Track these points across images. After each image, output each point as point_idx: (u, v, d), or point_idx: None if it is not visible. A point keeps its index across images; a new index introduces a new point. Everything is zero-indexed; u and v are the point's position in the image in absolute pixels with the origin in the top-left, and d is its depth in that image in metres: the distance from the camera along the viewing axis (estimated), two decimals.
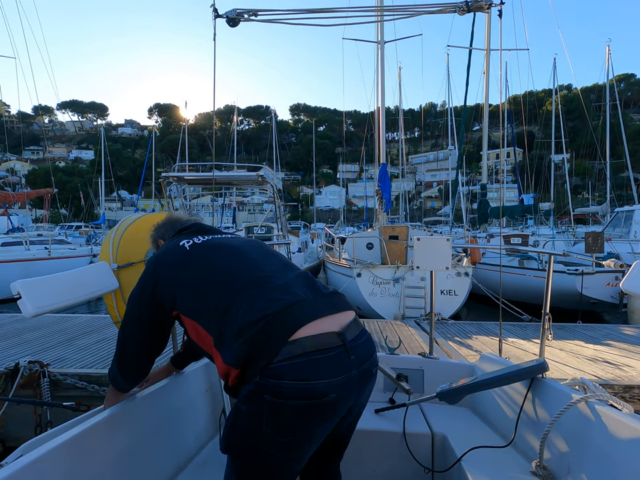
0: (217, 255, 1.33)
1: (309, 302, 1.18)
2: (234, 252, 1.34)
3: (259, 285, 1.21)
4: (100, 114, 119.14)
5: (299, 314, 1.14)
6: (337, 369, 1.09)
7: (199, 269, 1.29)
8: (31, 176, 58.88)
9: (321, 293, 1.25)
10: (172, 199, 8.34)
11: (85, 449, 1.26)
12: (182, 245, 1.38)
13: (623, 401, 1.38)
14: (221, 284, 1.23)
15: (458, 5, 2.78)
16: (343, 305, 1.25)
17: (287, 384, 1.05)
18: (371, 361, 1.21)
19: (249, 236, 10.37)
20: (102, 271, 1.97)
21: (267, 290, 1.19)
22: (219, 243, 1.40)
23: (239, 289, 1.21)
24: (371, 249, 10.16)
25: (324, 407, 1.08)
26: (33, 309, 1.59)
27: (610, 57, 22.76)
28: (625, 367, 3.86)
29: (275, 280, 1.23)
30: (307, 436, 1.12)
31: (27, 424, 3.18)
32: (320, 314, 1.16)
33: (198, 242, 1.39)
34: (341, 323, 1.17)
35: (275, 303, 1.15)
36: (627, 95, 72.22)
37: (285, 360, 1.07)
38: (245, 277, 1.24)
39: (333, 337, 1.12)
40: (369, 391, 1.28)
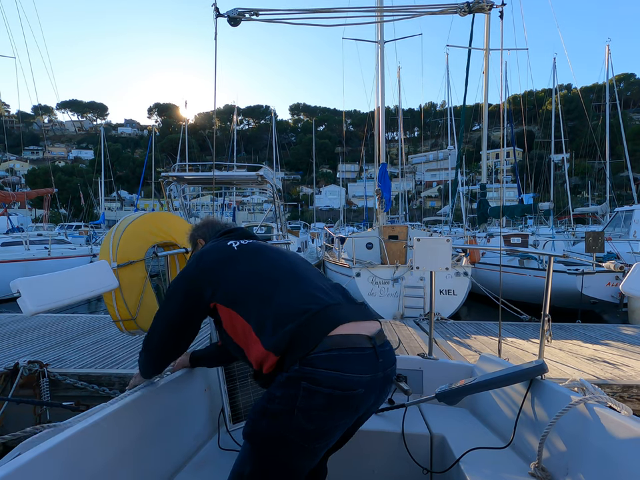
0: (262, 256, 1.45)
1: (344, 306, 1.30)
2: (278, 255, 1.46)
3: (301, 284, 1.33)
4: (100, 114, 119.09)
5: (337, 314, 1.25)
6: (366, 367, 1.19)
7: (245, 265, 1.40)
8: (30, 176, 58.81)
9: (353, 301, 1.37)
10: (172, 198, 8.33)
11: (83, 448, 1.26)
12: (229, 244, 1.50)
13: (621, 403, 1.38)
14: (265, 279, 1.35)
15: (459, 6, 2.78)
16: (371, 315, 1.36)
17: (322, 372, 1.14)
18: (392, 368, 1.31)
19: None
20: (102, 270, 1.97)
21: (309, 289, 1.31)
22: (263, 246, 1.52)
23: (282, 285, 1.32)
24: (370, 249, 10.16)
25: (352, 399, 1.16)
26: (33, 307, 1.58)
27: (610, 56, 22.77)
28: (623, 367, 3.87)
29: (314, 283, 1.35)
30: (331, 427, 1.18)
31: (27, 424, 3.17)
32: (354, 318, 1.27)
33: (244, 243, 1.52)
34: (370, 329, 1.28)
35: (317, 301, 1.27)
36: (627, 94, 72.25)
37: (322, 352, 1.17)
38: (288, 275, 1.36)
39: (365, 339, 1.23)
40: (386, 396, 1.35)
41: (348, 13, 3.30)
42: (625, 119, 29.18)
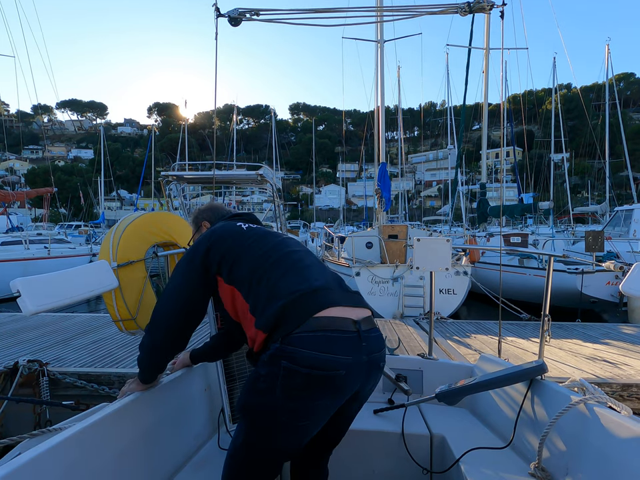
0: (266, 239, 1.48)
1: (335, 291, 1.33)
2: (282, 241, 1.49)
3: (298, 268, 1.36)
4: (99, 113, 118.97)
5: (326, 298, 1.28)
6: (348, 349, 1.20)
7: (251, 246, 1.43)
8: (30, 175, 58.76)
9: (345, 288, 1.40)
10: (171, 198, 8.33)
11: (83, 448, 1.26)
12: (239, 225, 1.54)
13: (621, 403, 1.38)
14: (267, 260, 1.38)
15: (460, 6, 2.77)
16: (362, 303, 1.38)
17: (302, 352, 1.16)
18: (380, 354, 1.32)
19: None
20: (102, 270, 1.97)
21: (304, 272, 1.35)
22: (269, 232, 1.55)
23: (280, 268, 1.35)
24: (370, 248, 10.16)
25: (331, 380, 1.18)
26: (33, 307, 1.58)
27: (609, 56, 22.76)
28: (623, 366, 3.87)
29: (311, 268, 1.38)
30: (313, 407, 1.20)
31: (26, 423, 3.18)
32: (342, 303, 1.29)
33: (253, 227, 1.56)
34: (358, 315, 1.29)
35: (309, 283, 1.30)
36: (627, 94, 72.23)
37: (304, 332, 1.18)
38: (288, 258, 1.39)
39: (350, 323, 1.24)
40: (374, 383, 1.38)
41: (348, 12, 3.30)
42: (625, 118, 29.18)
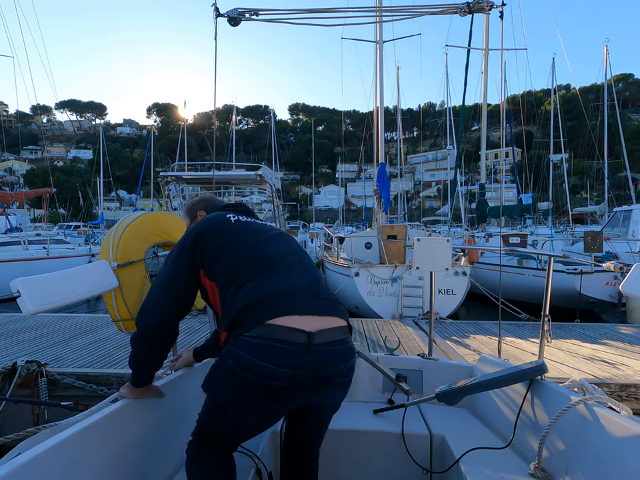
0: (251, 235, 1.46)
1: (300, 297, 1.28)
2: (267, 238, 1.46)
3: (273, 269, 1.34)
4: (98, 113, 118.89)
5: (285, 304, 1.25)
6: (287, 362, 1.19)
7: (235, 241, 1.42)
8: (29, 175, 58.66)
9: (319, 295, 1.33)
10: (170, 198, 8.32)
11: (82, 448, 1.26)
12: (228, 217, 1.52)
13: (621, 403, 1.38)
14: (246, 258, 1.37)
15: (459, 6, 2.77)
16: (334, 312, 1.31)
17: (244, 356, 1.20)
18: (334, 370, 1.25)
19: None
20: (102, 270, 1.97)
21: (276, 274, 1.33)
22: (259, 227, 1.53)
23: (257, 265, 1.34)
24: (369, 249, 10.16)
25: (269, 389, 1.20)
26: (33, 307, 1.58)
27: (608, 57, 22.81)
28: (621, 366, 3.88)
29: (288, 270, 1.36)
30: (251, 411, 1.26)
31: (25, 423, 3.17)
32: (304, 311, 1.25)
33: (242, 220, 1.53)
34: (318, 325, 1.24)
35: (275, 287, 1.28)
36: (626, 94, 72.41)
37: (252, 336, 1.21)
38: (266, 258, 1.37)
39: (300, 335, 1.20)
40: (334, 399, 1.35)
41: (347, 12, 3.30)
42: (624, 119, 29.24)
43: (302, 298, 1.29)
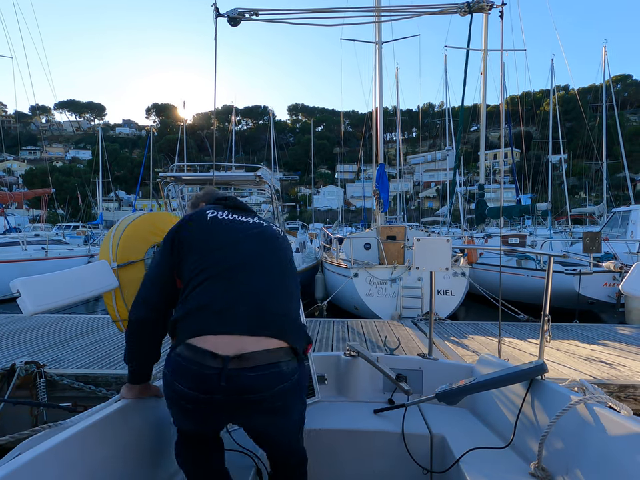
0: (225, 234, 1.41)
1: (231, 315, 1.23)
2: (243, 238, 1.41)
3: (224, 276, 1.30)
4: (97, 114, 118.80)
5: (210, 323, 1.22)
6: (196, 385, 1.19)
7: (204, 241, 1.39)
8: (28, 176, 58.57)
9: (264, 310, 1.26)
10: (169, 199, 8.32)
11: (82, 448, 1.26)
12: (206, 213, 1.49)
13: (621, 403, 1.38)
14: (206, 261, 1.34)
15: (459, 6, 2.78)
16: (272, 332, 1.24)
17: (164, 371, 1.26)
18: (256, 397, 1.19)
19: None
20: (102, 270, 1.97)
21: (223, 284, 1.28)
22: (237, 225, 1.46)
23: (212, 270, 1.31)
24: (368, 249, 10.15)
25: (183, 407, 1.24)
26: (33, 307, 1.58)
27: (606, 57, 22.86)
28: (620, 367, 3.88)
29: (242, 278, 1.31)
30: (179, 419, 1.31)
31: (23, 425, 3.16)
32: (228, 331, 1.21)
33: (220, 217, 1.48)
34: (242, 347, 1.19)
35: (211, 301, 1.25)
36: (624, 95, 72.61)
37: (176, 354, 1.23)
38: (224, 262, 1.33)
39: (214, 359, 1.17)
40: (266, 426, 1.31)
41: (347, 12, 3.30)
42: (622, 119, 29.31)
43: (233, 315, 1.23)
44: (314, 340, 4.87)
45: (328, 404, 2.11)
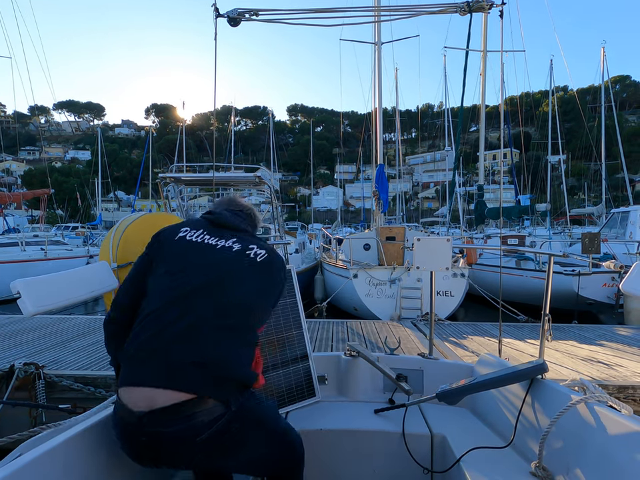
0: (176, 263, 1.35)
1: (147, 366, 1.19)
2: (183, 271, 1.33)
3: (154, 322, 1.24)
4: (96, 114, 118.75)
5: (130, 372, 1.21)
6: (123, 437, 1.20)
7: (163, 263, 1.37)
8: (27, 176, 58.49)
9: (173, 362, 1.18)
10: (169, 199, 8.31)
11: (83, 449, 1.27)
12: (179, 230, 1.44)
13: (621, 402, 1.38)
14: (155, 290, 1.31)
15: (459, 5, 2.78)
16: (179, 385, 1.16)
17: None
18: (177, 450, 1.17)
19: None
20: (102, 270, 1.97)
21: (157, 324, 1.24)
22: (203, 248, 1.38)
23: (156, 303, 1.28)
24: (367, 250, 10.15)
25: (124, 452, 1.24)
26: (33, 308, 1.58)
27: (605, 58, 22.92)
28: (619, 368, 3.88)
29: (164, 328, 1.22)
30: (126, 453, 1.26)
31: (22, 427, 3.14)
32: (143, 383, 1.17)
33: (188, 238, 1.41)
34: (152, 402, 1.14)
35: (141, 345, 1.22)
36: (623, 96, 72.80)
37: (114, 400, 1.25)
38: (167, 295, 1.28)
39: (131, 414, 1.16)
40: (201, 463, 1.26)
41: (346, 12, 3.30)
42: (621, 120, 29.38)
43: (150, 364, 1.18)
44: (314, 341, 4.86)
45: (328, 404, 2.11)
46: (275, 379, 2.01)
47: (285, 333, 2.09)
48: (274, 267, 1.44)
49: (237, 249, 1.40)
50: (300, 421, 1.91)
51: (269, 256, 1.43)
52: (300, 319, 2.15)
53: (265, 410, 1.34)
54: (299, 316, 2.15)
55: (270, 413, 1.37)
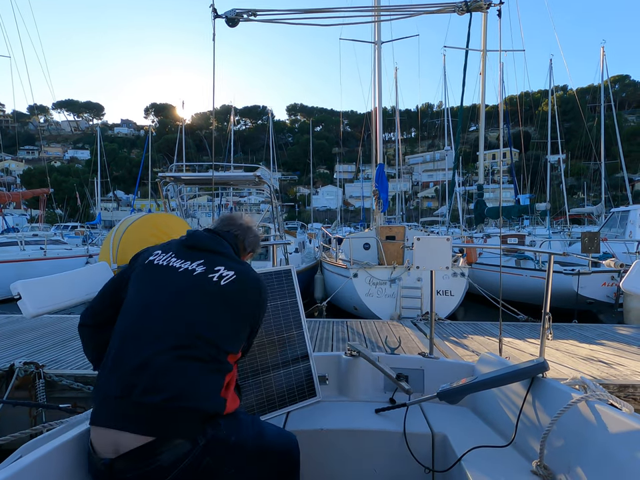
0: (139, 294, 1.33)
1: (108, 406, 1.17)
2: (144, 302, 1.30)
3: (114, 360, 1.22)
4: (96, 114, 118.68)
5: (98, 413, 1.19)
6: (94, 476, 1.18)
7: (133, 291, 1.35)
8: (26, 176, 58.43)
9: (129, 403, 1.14)
10: (168, 199, 8.31)
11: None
12: (149, 256, 1.43)
13: (622, 400, 1.39)
14: (121, 322, 1.29)
15: (457, 5, 2.78)
16: (141, 426, 1.12)
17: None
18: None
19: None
20: (102, 271, 1.97)
21: (107, 370, 1.22)
22: (159, 278, 1.35)
23: (120, 336, 1.26)
24: (367, 250, 10.16)
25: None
26: (34, 310, 1.58)
27: (604, 58, 22.94)
28: (619, 367, 3.88)
29: (124, 364, 1.20)
30: None
31: (22, 426, 3.14)
32: (107, 424, 1.15)
33: (155, 262, 1.39)
34: (116, 447, 1.12)
35: (101, 388, 1.21)
36: (622, 96, 72.88)
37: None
38: (132, 327, 1.26)
39: (97, 456, 1.16)
40: None
41: (345, 12, 3.30)
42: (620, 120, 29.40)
43: (111, 403, 1.16)
44: (314, 340, 4.86)
45: (329, 404, 2.11)
46: (275, 379, 2.01)
47: (285, 333, 2.09)
48: (244, 289, 1.37)
49: (199, 271, 1.34)
50: (301, 421, 1.91)
51: (238, 277, 1.35)
52: (300, 318, 2.15)
53: (241, 433, 1.26)
54: (299, 316, 2.15)
55: (250, 433, 1.29)
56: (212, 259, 1.39)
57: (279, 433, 1.42)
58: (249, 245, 1.60)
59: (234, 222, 1.59)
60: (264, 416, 1.90)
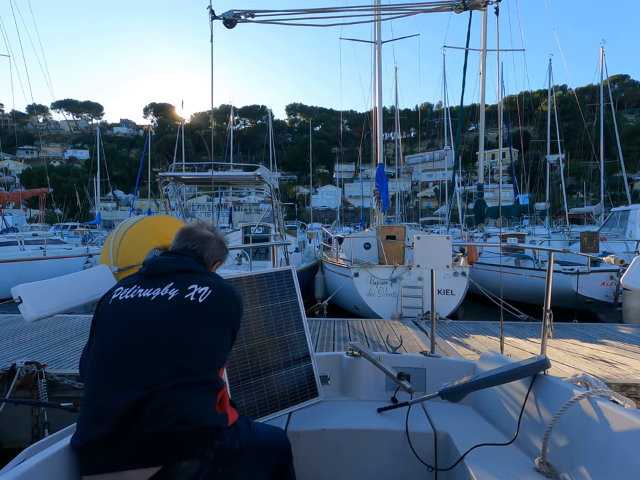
0: (110, 332, 1.30)
1: (105, 450, 1.11)
2: (116, 339, 1.27)
3: (101, 392, 1.18)
4: (95, 113, 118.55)
5: (91, 460, 1.13)
6: None
7: (102, 333, 1.33)
8: (25, 175, 58.36)
9: (137, 433, 1.11)
10: (168, 198, 8.31)
11: None
12: (111, 295, 1.39)
13: (624, 397, 1.39)
14: (95, 363, 1.26)
15: (454, 3, 2.78)
16: (145, 460, 1.09)
17: None
18: None
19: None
20: (102, 274, 1.97)
21: (103, 403, 1.16)
22: (129, 311, 1.30)
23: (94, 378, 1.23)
24: (368, 249, 10.16)
25: None
26: (35, 313, 1.59)
27: (604, 58, 22.96)
28: (621, 366, 3.89)
29: (119, 390, 1.16)
30: None
31: (24, 425, 3.15)
32: (112, 467, 1.10)
33: (121, 298, 1.34)
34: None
35: (86, 433, 1.15)
36: (621, 95, 72.94)
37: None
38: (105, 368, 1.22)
39: None
40: None
41: (344, 12, 3.30)
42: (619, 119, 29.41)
43: (113, 445, 1.11)
44: (315, 339, 4.86)
45: (331, 403, 2.11)
46: (277, 379, 2.01)
47: (286, 334, 2.09)
48: (222, 300, 1.36)
49: (173, 295, 1.31)
50: (303, 421, 1.91)
51: (213, 290, 1.34)
52: (301, 319, 2.15)
53: (242, 437, 1.30)
54: (300, 316, 2.15)
55: (248, 435, 1.34)
56: (181, 278, 1.36)
57: (271, 431, 1.49)
58: (210, 257, 1.53)
59: (190, 236, 1.52)
60: (266, 416, 1.91)
